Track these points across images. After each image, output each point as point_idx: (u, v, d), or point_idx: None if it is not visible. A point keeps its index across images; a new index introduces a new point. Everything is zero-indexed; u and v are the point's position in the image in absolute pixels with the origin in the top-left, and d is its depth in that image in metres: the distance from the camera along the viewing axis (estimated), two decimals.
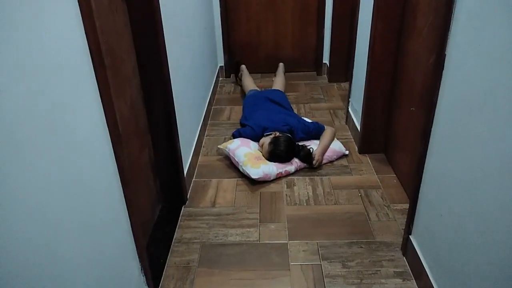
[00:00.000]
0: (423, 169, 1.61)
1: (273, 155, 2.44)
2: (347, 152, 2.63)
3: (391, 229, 2.00)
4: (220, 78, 3.98)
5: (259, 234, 2.01)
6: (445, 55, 1.40)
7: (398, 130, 2.38)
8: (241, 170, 2.43)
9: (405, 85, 2.22)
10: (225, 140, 2.83)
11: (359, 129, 2.67)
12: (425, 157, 1.59)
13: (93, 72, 1.13)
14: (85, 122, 1.10)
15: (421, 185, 1.64)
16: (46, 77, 0.91)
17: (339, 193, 2.29)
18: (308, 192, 2.30)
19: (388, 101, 2.46)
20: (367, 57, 2.41)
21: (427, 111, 1.52)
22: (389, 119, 2.49)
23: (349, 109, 2.96)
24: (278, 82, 3.48)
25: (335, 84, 3.80)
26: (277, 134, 2.52)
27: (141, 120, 1.92)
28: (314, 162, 2.46)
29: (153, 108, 1.97)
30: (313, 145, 2.54)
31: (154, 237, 1.97)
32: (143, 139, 1.94)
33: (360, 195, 2.26)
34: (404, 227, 1.98)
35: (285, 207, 2.19)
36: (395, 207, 2.15)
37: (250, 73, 3.67)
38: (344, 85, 3.75)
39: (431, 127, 1.52)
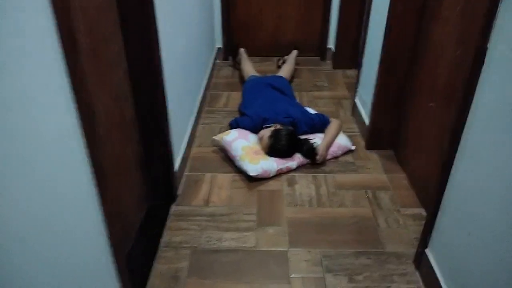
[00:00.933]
0: (448, 176, 1.41)
1: (273, 150, 2.23)
2: (353, 148, 2.43)
3: (402, 237, 1.81)
4: (218, 61, 3.72)
5: (257, 240, 1.81)
6: (486, 48, 1.18)
7: (411, 127, 2.17)
8: (237, 165, 2.22)
9: (424, 78, 2.00)
10: (221, 130, 2.61)
11: (367, 122, 2.46)
12: (452, 163, 1.38)
13: (62, 55, 0.91)
14: (51, 116, 0.88)
15: (445, 194, 1.44)
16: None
17: (345, 193, 2.09)
18: (310, 192, 2.10)
19: (402, 94, 2.23)
20: (381, 43, 2.17)
21: (459, 110, 1.31)
22: (402, 114, 2.28)
23: (356, 100, 2.73)
24: (286, 69, 3.23)
25: (340, 71, 3.56)
26: (278, 126, 2.30)
27: (128, 110, 1.69)
28: (318, 157, 2.25)
29: (141, 96, 1.74)
30: (317, 139, 2.33)
31: (139, 240, 1.77)
32: (129, 132, 1.72)
33: (368, 197, 2.06)
34: (416, 236, 1.80)
35: (285, 209, 2.00)
36: (405, 212, 1.96)
37: (249, 56, 3.42)
38: (350, 72, 3.52)
39: (463, 129, 1.31)
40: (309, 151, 2.26)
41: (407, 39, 2.08)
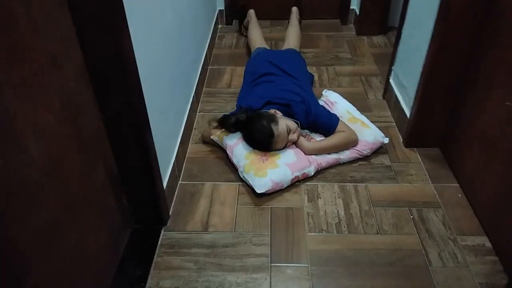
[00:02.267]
0: None
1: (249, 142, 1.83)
2: (386, 140, 1.91)
3: (462, 283, 1.37)
4: (219, 26, 3.15)
5: (271, 285, 1.38)
6: None
7: (471, 124, 1.65)
8: (241, 177, 1.75)
9: (501, 60, 1.46)
10: None
11: (408, 113, 1.94)
12: None
13: None
14: None
15: None
16: None
17: (383, 213, 1.63)
18: (338, 210, 1.65)
19: (462, 80, 1.70)
20: (437, 4, 1.61)
21: None
22: (459, 106, 1.75)
23: (391, 81, 2.20)
24: (291, 35, 2.63)
25: (365, 38, 2.97)
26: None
27: (91, 122, 1.20)
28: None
29: (108, 97, 1.24)
30: (317, 137, 1.89)
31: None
32: (95, 150, 1.24)
33: (413, 218, 1.60)
34: (481, 281, 1.36)
35: (306, 236, 1.55)
36: (464, 243, 1.50)
37: (258, 19, 2.84)
38: (377, 39, 2.94)
39: None
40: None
41: (474, 7, 1.52)
